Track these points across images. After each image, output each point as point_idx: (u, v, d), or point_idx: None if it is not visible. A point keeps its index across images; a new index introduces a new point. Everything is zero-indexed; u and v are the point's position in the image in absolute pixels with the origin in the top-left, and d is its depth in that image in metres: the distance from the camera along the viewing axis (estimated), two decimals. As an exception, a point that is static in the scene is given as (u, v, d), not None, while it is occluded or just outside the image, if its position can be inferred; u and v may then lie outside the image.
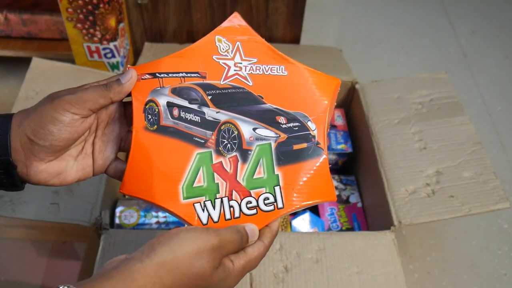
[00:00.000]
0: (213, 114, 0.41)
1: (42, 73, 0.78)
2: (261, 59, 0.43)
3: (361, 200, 0.79)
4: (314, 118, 0.42)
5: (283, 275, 0.58)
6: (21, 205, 0.64)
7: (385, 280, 0.58)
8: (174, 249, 0.35)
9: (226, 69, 0.42)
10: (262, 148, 0.40)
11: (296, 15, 0.95)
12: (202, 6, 0.93)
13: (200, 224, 0.39)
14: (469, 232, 0.88)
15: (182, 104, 0.41)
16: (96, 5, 0.82)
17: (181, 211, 0.39)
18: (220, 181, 0.40)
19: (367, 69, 1.16)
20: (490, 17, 1.38)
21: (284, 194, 0.40)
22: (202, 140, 0.40)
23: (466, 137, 0.72)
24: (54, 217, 0.63)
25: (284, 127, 0.41)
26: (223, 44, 0.43)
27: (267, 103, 0.42)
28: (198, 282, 0.35)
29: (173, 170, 0.40)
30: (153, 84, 0.42)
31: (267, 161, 0.40)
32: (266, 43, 0.44)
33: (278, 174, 0.40)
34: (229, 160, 0.40)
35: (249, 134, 0.40)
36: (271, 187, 0.40)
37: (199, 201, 0.39)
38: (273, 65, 0.43)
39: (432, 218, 0.64)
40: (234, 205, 0.39)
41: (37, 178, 0.39)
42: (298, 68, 0.43)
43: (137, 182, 0.40)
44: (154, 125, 0.41)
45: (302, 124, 0.41)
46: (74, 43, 0.88)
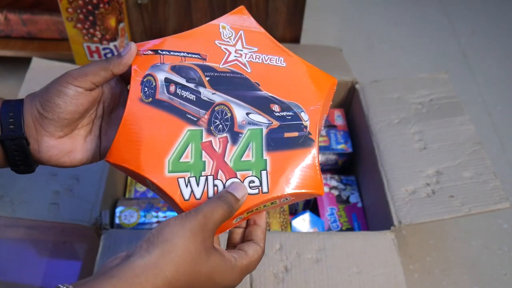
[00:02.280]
0: (208, 94, 0.41)
1: (42, 73, 0.78)
2: (261, 49, 0.44)
3: (361, 200, 0.79)
4: (308, 110, 0.42)
5: (283, 275, 0.58)
6: (21, 205, 0.64)
7: (385, 280, 0.58)
8: (169, 238, 0.34)
9: (226, 54, 0.43)
10: (253, 132, 0.40)
11: (296, 15, 0.95)
12: (202, 6, 0.93)
13: (181, 199, 0.39)
14: (469, 232, 0.88)
15: (179, 81, 0.42)
16: (96, 5, 0.82)
17: (164, 184, 0.39)
18: (207, 159, 0.40)
19: (367, 69, 1.16)
20: (490, 17, 1.38)
21: (270, 179, 0.39)
22: (194, 118, 0.41)
23: (466, 137, 0.72)
24: (54, 217, 0.63)
25: (277, 115, 0.41)
26: (227, 31, 0.44)
27: (263, 91, 0.42)
28: (199, 268, 0.35)
29: (162, 143, 0.40)
30: (154, 59, 0.43)
31: (256, 146, 0.40)
32: (269, 36, 0.44)
33: (266, 159, 0.40)
34: (219, 140, 0.40)
35: (242, 117, 0.41)
36: (258, 171, 0.39)
37: (184, 176, 0.39)
38: (272, 56, 0.44)
39: (432, 218, 0.64)
40: (219, 184, 0.39)
41: (48, 154, 0.41)
42: (297, 62, 0.44)
43: (124, 151, 0.40)
44: (149, 98, 0.42)
45: (296, 114, 0.41)
46: (74, 43, 0.88)
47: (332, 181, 0.81)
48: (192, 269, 0.35)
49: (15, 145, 0.40)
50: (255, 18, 1.03)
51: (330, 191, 0.80)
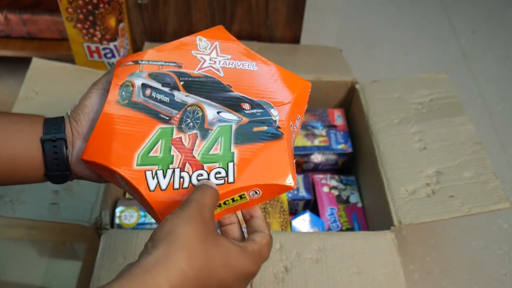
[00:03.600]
0: (182, 96, 0.43)
1: (42, 73, 0.78)
2: (235, 56, 0.46)
3: (361, 200, 0.79)
4: (278, 107, 0.43)
5: (283, 275, 0.58)
6: (21, 205, 0.64)
7: (385, 280, 0.58)
8: (172, 229, 0.34)
9: (201, 61, 0.45)
10: (223, 128, 0.41)
11: (296, 15, 0.95)
12: (202, 6, 0.93)
13: (147, 190, 0.39)
14: (469, 232, 0.88)
15: (155, 86, 0.44)
16: (96, 5, 0.82)
17: (131, 176, 0.40)
18: (176, 153, 0.41)
19: (367, 69, 1.16)
20: (490, 17, 1.37)
21: (236, 170, 0.39)
22: (167, 117, 0.42)
23: (466, 137, 0.72)
24: (54, 217, 0.63)
25: (248, 112, 0.42)
26: (203, 43, 0.46)
27: (234, 92, 0.44)
28: (210, 250, 0.34)
29: (133, 139, 0.41)
30: (134, 69, 0.45)
31: (225, 140, 0.41)
32: (244, 46, 0.47)
33: (234, 151, 0.40)
34: (188, 137, 0.41)
35: (212, 116, 0.42)
36: (224, 163, 0.40)
37: (151, 169, 0.40)
38: (245, 62, 0.46)
39: (432, 218, 0.64)
40: (185, 176, 0.40)
41: (77, 157, 0.43)
42: (269, 66, 0.45)
43: (97, 149, 0.42)
44: (126, 100, 0.43)
45: (265, 110, 0.42)
46: (74, 43, 0.88)
47: (332, 181, 0.81)
48: (204, 252, 0.34)
49: (55, 146, 0.42)
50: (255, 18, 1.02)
51: (330, 191, 0.80)
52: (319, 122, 0.85)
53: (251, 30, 0.97)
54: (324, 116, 0.86)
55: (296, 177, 0.40)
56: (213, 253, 0.34)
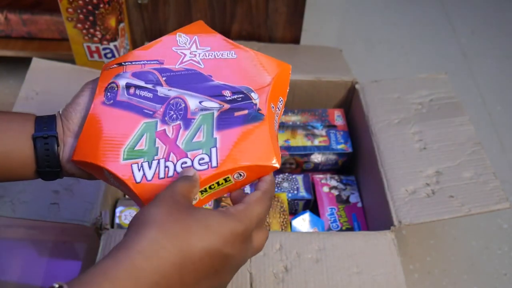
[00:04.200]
0: (165, 91, 0.44)
1: (42, 73, 0.78)
2: (214, 47, 0.47)
3: (361, 200, 0.79)
4: (258, 89, 0.44)
5: (283, 275, 0.58)
6: (21, 205, 0.64)
7: (385, 280, 0.58)
8: (140, 214, 0.34)
9: (182, 56, 0.46)
10: (205, 116, 0.42)
11: (296, 15, 0.95)
12: (202, 6, 0.93)
13: (133, 181, 0.40)
14: (469, 232, 0.88)
15: (138, 84, 0.45)
16: (96, 5, 0.82)
17: (118, 170, 0.41)
18: (160, 145, 0.42)
19: (367, 69, 1.16)
20: (490, 17, 1.38)
21: (219, 154, 0.40)
22: (150, 112, 0.43)
23: (466, 137, 0.72)
24: (54, 217, 0.63)
25: (228, 99, 0.43)
26: (183, 39, 0.47)
27: (215, 81, 0.45)
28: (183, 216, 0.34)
29: (119, 136, 0.43)
30: (118, 70, 0.46)
31: (207, 127, 0.42)
32: (223, 37, 0.48)
33: (216, 137, 0.41)
34: (172, 128, 0.42)
35: (195, 106, 0.43)
36: (207, 149, 0.41)
37: (137, 162, 0.41)
38: (224, 51, 0.47)
39: (432, 218, 0.64)
40: (170, 166, 0.41)
41: (70, 154, 0.44)
42: (248, 52, 0.46)
43: (85, 149, 0.43)
44: (111, 100, 0.45)
45: (246, 95, 0.43)
46: (74, 43, 0.88)
47: (332, 181, 0.81)
48: (176, 221, 0.33)
49: (46, 143, 0.43)
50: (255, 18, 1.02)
51: (330, 191, 0.80)
52: (319, 122, 0.85)
53: (251, 30, 0.97)
54: (324, 116, 0.86)
55: (280, 157, 0.41)
56: (187, 220, 0.34)
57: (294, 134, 0.83)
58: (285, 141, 0.82)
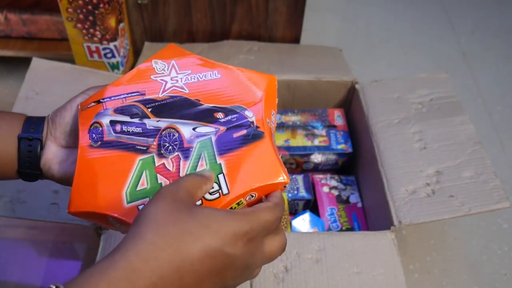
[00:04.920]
0: (153, 123, 0.42)
1: (42, 73, 0.78)
2: (195, 69, 0.45)
3: (361, 200, 0.79)
4: (251, 106, 0.42)
5: (283, 275, 0.58)
6: (21, 205, 0.64)
7: (385, 280, 0.58)
8: (140, 213, 0.33)
9: (163, 84, 0.44)
10: (203, 143, 0.40)
11: (296, 15, 0.95)
12: (202, 6, 0.93)
13: None
14: (469, 232, 0.88)
15: (124, 120, 0.43)
16: (96, 5, 0.82)
17: (124, 215, 0.39)
18: (163, 180, 0.40)
19: (367, 69, 1.16)
20: (490, 17, 1.37)
21: (228, 180, 0.39)
22: (144, 147, 0.41)
23: (466, 137, 0.72)
24: (54, 217, 0.63)
25: (223, 120, 0.41)
26: (159, 65, 0.46)
27: (204, 104, 0.43)
28: (181, 216, 0.33)
29: (117, 178, 0.40)
30: (98, 109, 0.44)
31: (208, 154, 0.40)
32: (200, 57, 0.46)
33: (220, 163, 0.39)
34: (171, 160, 0.40)
35: (189, 133, 0.41)
36: (215, 176, 0.39)
37: (143, 202, 0.39)
38: (206, 72, 0.45)
39: (432, 218, 0.64)
40: None
41: (46, 157, 0.44)
42: (231, 70, 0.45)
43: (82, 197, 0.41)
44: (98, 142, 0.42)
45: (240, 114, 0.42)
46: (74, 43, 0.88)
47: (332, 181, 0.81)
48: (175, 221, 0.32)
49: (30, 145, 0.43)
50: (255, 18, 1.03)
51: (330, 191, 0.80)
52: (319, 122, 0.85)
53: (251, 30, 0.97)
54: (324, 116, 0.86)
55: (287, 172, 0.40)
56: (186, 220, 0.33)
57: (294, 134, 0.83)
58: (285, 141, 0.82)
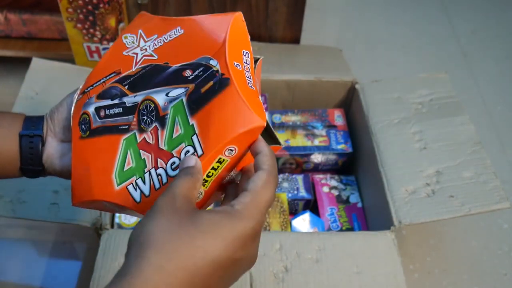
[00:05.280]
0: (131, 99, 0.42)
1: (42, 73, 0.78)
2: (160, 32, 0.44)
3: (361, 200, 0.79)
4: (214, 54, 0.39)
5: (283, 275, 0.58)
6: (21, 205, 0.64)
7: (385, 280, 0.58)
8: (140, 231, 0.32)
9: (134, 56, 0.44)
10: (175, 107, 0.38)
11: (296, 15, 0.95)
12: (202, 6, 0.93)
13: (134, 203, 0.38)
14: (469, 232, 0.88)
15: (106, 104, 0.43)
16: (96, 5, 0.82)
17: (115, 198, 0.39)
18: (146, 155, 0.39)
19: (367, 69, 1.16)
20: (490, 17, 1.37)
21: (201, 140, 0.36)
22: (125, 126, 0.41)
23: (466, 137, 0.72)
24: (54, 217, 0.63)
25: (191, 78, 0.39)
26: (129, 39, 0.45)
27: (172, 66, 0.41)
28: (184, 229, 0.31)
29: (105, 163, 0.40)
30: (84, 99, 0.45)
31: (181, 117, 0.38)
32: (163, 17, 0.45)
33: (193, 123, 0.37)
34: (150, 133, 0.39)
35: (163, 100, 0.39)
36: (188, 139, 0.37)
37: (131, 182, 0.39)
38: (170, 31, 0.44)
39: (432, 218, 0.64)
40: (161, 172, 0.38)
41: (47, 152, 0.45)
42: (191, 21, 0.43)
43: (80, 188, 0.41)
44: (87, 132, 0.43)
45: (205, 66, 0.39)
46: (74, 43, 0.88)
47: (332, 181, 0.81)
48: (179, 239, 0.31)
49: (31, 142, 0.44)
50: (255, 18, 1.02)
51: (330, 191, 0.80)
52: (319, 122, 0.85)
53: (251, 30, 0.97)
54: (324, 116, 0.86)
55: (264, 113, 0.36)
56: (190, 233, 0.31)
57: (294, 134, 0.83)
58: (285, 141, 0.82)
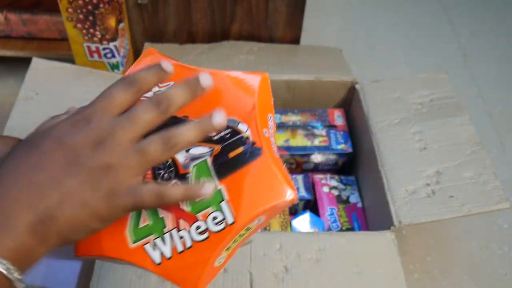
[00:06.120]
0: None
1: (42, 73, 0.78)
2: (177, 79, 0.40)
3: (361, 200, 0.79)
4: (244, 118, 0.38)
5: (283, 275, 0.58)
6: (21, 205, 0.64)
7: (385, 280, 0.58)
8: None
9: None
10: (199, 167, 0.37)
11: (296, 15, 0.95)
12: (202, 6, 0.93)
13: (153, 264, 0.36)
14: (469, 232, 0.88)
15: None
16: (96, 5, 0.82)
17: (132, 257, 0.37)
18: (164, 214, 0.37)
19: (367, 69, 1.16)
20: (490, 17, 1.37)
21: (232, 207, 0.36)
22: None
23: (466, 137, 0.72)
24: (54, 217, 0.63)
25: (216, 138, 0.38)
26: None
27: (193, 120, 0.39)
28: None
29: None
30: None
31: (207, 179, 0.37)
32: (180, 64, 0.42)
33: (220, 188, 0.36)
34: None
35: (183, 157, 0.38)
36: (216, 205, 0.36)
37: (148, 241, 0.37)
38: None
39: (432, 218, 0.64)
40: (184, 235, 0.36)
41: None
42: (214, 75, 0.39)
43: (87, 241, 0.39)
44: None
45: (233, 129, 0.38)
46: (74, 43, 0.88)
47: (332, 181, 0.81)
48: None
49: None
50: (255, 18, 1.02)
51: (330, 191, 0.80)
52: (319, 122, 0.85)
53: (251, 30, 0.97)
54: (324, 116, 0.86)
55: (294, 187, 0.37)
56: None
57: (294, 134, 0.83)
58: (285, 141, 0.82)
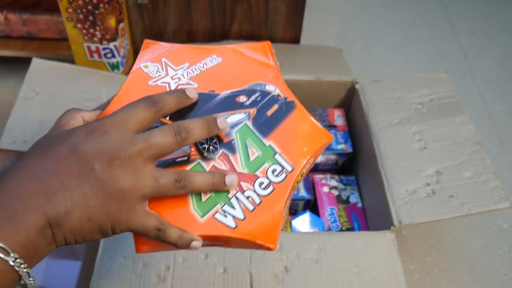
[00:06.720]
0: None
1: (42, 73, 0.78)
2: (192, 60, 0.43)
3: (361, 200, 0.79)
4: (268, 80, 0.42)
5: (283, 275, 0.58)
6: (21, 205, 0.64)
7: (385, 280, 0.58)
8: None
9: (167, 86, 0.42)
10: (242, 131, 0.40)
11: (296, 15, 0.95)
12: (202, 6, 0.93)
13: (230, 230, 0.37)
14: (469, 232, 0.88)
15: None
16: (96, 5, 0.82)
17: (207, 230, 0.37)
18: None
19: (367, 69, 1.16)
20: (490, 17, 1.37)
21: (287, 157, 0.39)
22: (184, 158, 0.39)
23: (466, 137, 0.72)
24: (54, 217, 0.63)
25: (248, 103, 0.41)
26: (151, 68, 0.43)
27: (220, 93, 0.42)
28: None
29: (176, 199, 0.38)
30: None
31: (253, 140, 0.40)
32: (188, 45, 0.44)
33: (269, 144, 0.40)
34: (220, 160, 0.39)
35: None
36: (271, 158, 0.39)
37: (217, 210, 0.38)
38: (205, 59, 0.43)
39: (432, 218, 0.64)
40: (251, 194, 0.38)
41: None
42: (228, 50, 0.44)
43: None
44: None
45: (262, 91, 0.42)
46: (74, 43, 0.88)
47: (332, 181, 0.81)
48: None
49: None
50: (255, 18, 1.02)
51: (330, 191, 0.80)
52: (319, 122, 0.85)
53: (251, 30, 0.97)
54: (324, 116, 0.86)
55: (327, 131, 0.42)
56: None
57: (294, 134, 0.83)
58: (285, 141, 0.82)
